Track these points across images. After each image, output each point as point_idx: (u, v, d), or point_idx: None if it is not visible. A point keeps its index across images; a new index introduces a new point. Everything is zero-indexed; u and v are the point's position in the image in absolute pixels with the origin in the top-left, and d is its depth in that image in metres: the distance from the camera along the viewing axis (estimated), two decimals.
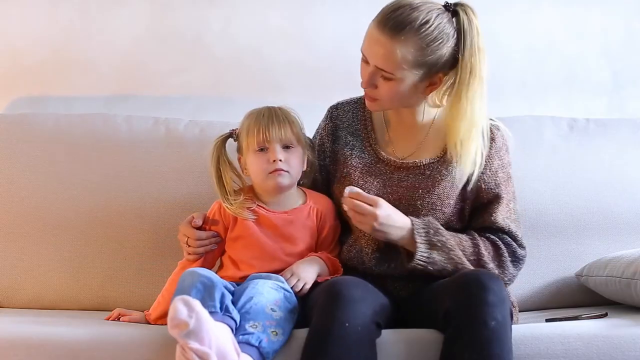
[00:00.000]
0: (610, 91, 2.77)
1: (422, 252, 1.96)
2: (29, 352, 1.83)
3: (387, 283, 2.00)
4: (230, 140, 2.10)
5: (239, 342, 1.75)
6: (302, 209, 2.07)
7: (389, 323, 1.89)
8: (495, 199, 2.05)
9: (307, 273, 1.97)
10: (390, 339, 1.85)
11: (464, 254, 1.98)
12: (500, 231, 2.04)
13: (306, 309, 1.90)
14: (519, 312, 2.14)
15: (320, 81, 2.64)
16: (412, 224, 1.97)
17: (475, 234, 2.03)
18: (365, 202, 1.94)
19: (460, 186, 2.04)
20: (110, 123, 2.44)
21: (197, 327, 1.66)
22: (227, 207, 2.04)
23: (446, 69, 1.99)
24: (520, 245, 2.05)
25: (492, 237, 2.03)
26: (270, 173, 2.00)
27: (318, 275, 1.99)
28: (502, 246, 2.02)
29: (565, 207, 2.42)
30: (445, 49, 1.95)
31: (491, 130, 2.06)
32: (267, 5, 2.66)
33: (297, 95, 2.55)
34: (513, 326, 1.84)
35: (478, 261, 1.99)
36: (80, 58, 2.63)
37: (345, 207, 1.96)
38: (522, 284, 2.37)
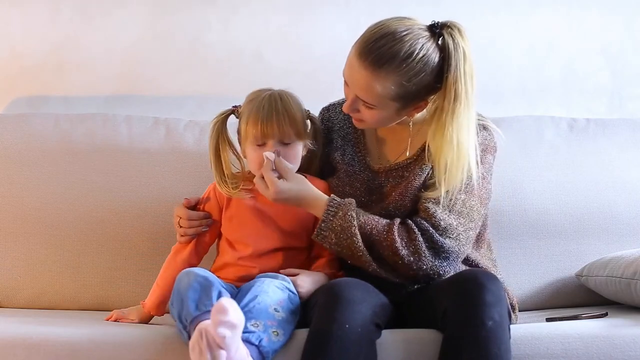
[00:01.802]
0: (610, 91, 2.76)
1: (319, 228, 1.96)
2: (29, 352, 1.82)
3: (386, 283, 2.00)
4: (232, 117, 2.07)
5: None
6: None
7: (389, 323, 1.90)
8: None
9: (306, 286, 1.96)
10: (390, 339, 1.85)
11: (375, 239, 1.93)
12: (423, 215, 1.96)
13: (306, 309, 1.90)
14: (519, 311, 2.14)
15: (320, 82, 2.64)
16: (327, 202, 1.96)
17: (397, 221, 1.96)
18: (280, 172, 1.95)
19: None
20: (110, 123, 2.44)
21: (234, 338, 1.66)
22: (222, 190, 2.03)
23: (432, 94, 1.95)
24: (443, 235, 1.94)
25: (409, 221, 1.95)
26: None
27: None
28: (416, 231, 1.93)
29: (565, 207, 2.42)
30: (430, 78, 1.90)
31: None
32: (267, 6, 2.66)
33: (297, 95, 2.54)
34: (513, 326, 1.84)
35: (390, 247, 1.92)
36: (80, 58, 2.63)
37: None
38: (522, 283, 2.37)
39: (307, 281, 1.97)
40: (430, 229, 1.94)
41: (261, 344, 1.77)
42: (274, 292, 1.86)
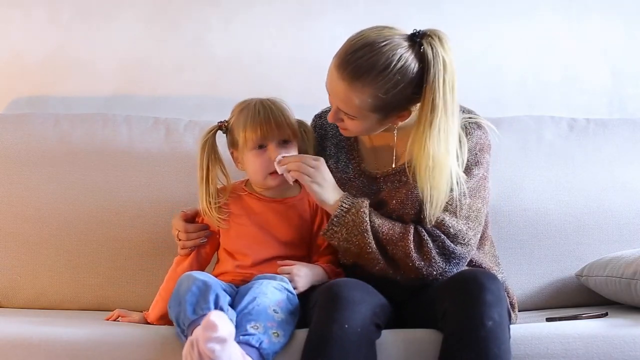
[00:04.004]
0: (610, 91, 2.76)
1: (331, 223, 1.96)
2: (29, 352, 1.83)
3: (385, 284, 1.99)
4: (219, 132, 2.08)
5: (239, 343, 1.75)
6: (296, 198, 2.07)
7: (389, 323, 1.90)
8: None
9: (302, 279, 1.96)
10: (390, 339, 1.85)
11: (391, 240, 1.94)
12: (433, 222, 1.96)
13: (306, 309, 1.90)
14: (519, 311, 2.14)
15: (320, 82, 2.62)
16: (341, 198, 1.97)
17: (411, 226, 1.96)
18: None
19: None
20: (110, 123, 2.44)
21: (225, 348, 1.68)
22: (207, 218, 2.04)
23: (414, 103, 1.92)
24: (454, 241, 1.95)
25: (419, 227, 1.96)
26: (271, 174, 2.01)
27: (313, 285, 1.98)
28: (426, 238, 1.95)
29: (565, 207, 2.41)
30: (409, 89, 1.88)
31: (469, 128, 2.00)
32: (267, 7, 2.66)
33: (297, 96, 2.54)
34: (513, 326, 1.84)
35: (404, 249, 1.93)
36: (80, 58, 2.63)
37: (282, 170, 1.96)
38: (522, 284, 2.37)
39: (304, 271, 1.97)
40: (442, 235, 1.95)
41: (262, 346, 1.77)
42: (273, 293, 1.86)
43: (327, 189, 1.98)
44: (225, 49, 2.65)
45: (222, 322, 1.66)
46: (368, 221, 1.94)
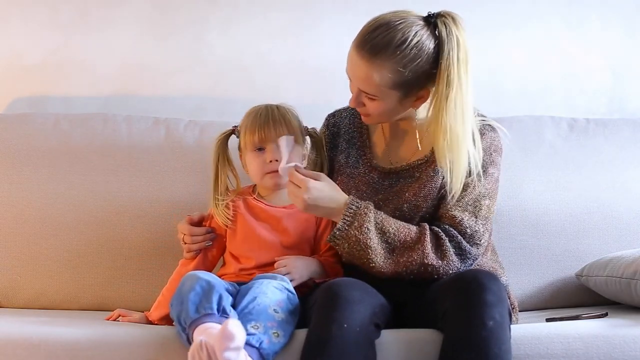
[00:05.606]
0: (610, 91, 2.76)
1: (333, 235, 1.95)
2: (29, 352, 1.83)
3: (385, 284, 1.99)
4: (233, 137, 2.12)
5: None
6: None
7: (389, 323, 1.90)
8: (461, 188, 1.99)
9: (299, 270, 1.98)
10: (390, 339, 1.85)
11: (408, 246, 1.94)
12: (449, 222, 1.98)
13: (305, 309, 1.90)
14: (519, 312, 2.14)
15: (320, 81, 2.64)
16: (345, 208, 1.95)
17: (426, 226, 1.98)
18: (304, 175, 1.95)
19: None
20: (110, 123, 2.44)
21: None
22: (217, 217, 2.06)
23: (431, 82, 1.96)
24: (470, 241, 1.97)
25: (435, 228, 1.98)
26: (267, 174, 2.02)
27: (310, 279, 1.99)
28: (443, 237, 1.96)
29: (565, 207, 2.42)
30: (426, 66, 1.93)
31: (483, 129, 2.03)
32: (267, 5, 2.66)
33: (297, 96, 2.55)
34: (513, 326, 1.84)
35: (421, 252, 1.94)
36: (80, 58, 2.63)
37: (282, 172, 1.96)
38: (522, 284, 2.37)
39: (299, 262, 1.99)
40: (458, 235, 1.96)
41: (262, 347, 1.77)
42: (273, 292, 1.87)
43: (323, 208, 1.96)
44: (225, 49, 2.65)
45: (239, 331, 1.67)
46: (372, 237, 1.94)
